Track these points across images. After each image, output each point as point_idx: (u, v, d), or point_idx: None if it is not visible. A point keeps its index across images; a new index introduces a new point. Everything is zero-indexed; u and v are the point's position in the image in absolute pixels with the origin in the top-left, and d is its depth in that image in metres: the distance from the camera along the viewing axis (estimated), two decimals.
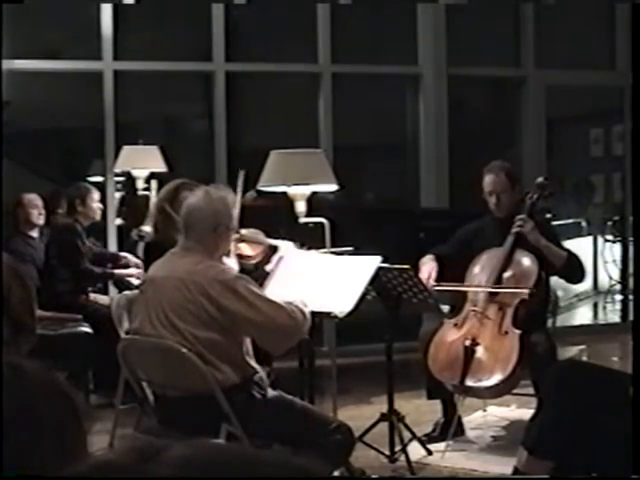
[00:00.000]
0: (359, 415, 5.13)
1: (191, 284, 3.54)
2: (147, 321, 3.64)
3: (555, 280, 5.04)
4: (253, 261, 4.49)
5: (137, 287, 5.48)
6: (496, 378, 4.50)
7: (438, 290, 4.75)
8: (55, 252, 6.07)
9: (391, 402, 4.56)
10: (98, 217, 6.49)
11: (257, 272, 4.34)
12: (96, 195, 6.24)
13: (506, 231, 4.80)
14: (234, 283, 3.54)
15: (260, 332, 3.59)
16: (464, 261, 4.89)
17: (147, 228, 6.01)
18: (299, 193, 4.82)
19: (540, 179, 5.03)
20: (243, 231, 4.57)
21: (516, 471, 3.67)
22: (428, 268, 4.83)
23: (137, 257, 6.16)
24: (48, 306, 5.62)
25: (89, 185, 6.40)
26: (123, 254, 6.47)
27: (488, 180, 4.95)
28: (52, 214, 6.69)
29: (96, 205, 6.22)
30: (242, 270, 4.08)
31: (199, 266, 3.59)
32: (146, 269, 4.63)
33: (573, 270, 4.82)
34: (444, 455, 4.60)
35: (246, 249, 4.50)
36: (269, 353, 4.36)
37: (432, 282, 4.76)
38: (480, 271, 4.84)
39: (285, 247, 4.39)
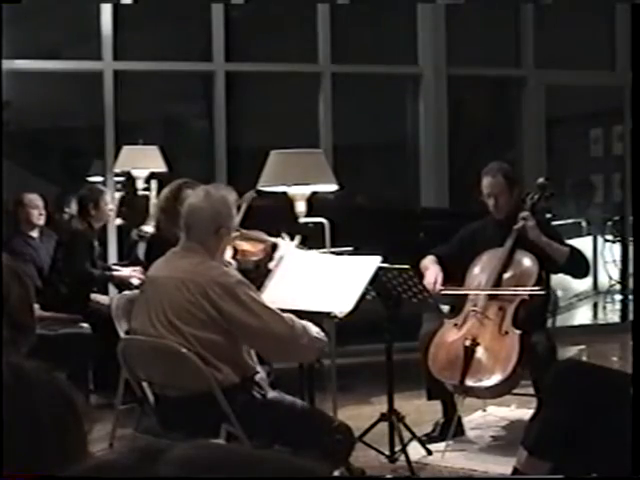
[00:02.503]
0: (359, 415, 5.12)
1: (191, 284, 3.53)
2: (147, 321, 3.63)
3: (555, 280, 5.04)
4: (254, 257, 4.45)
5: (137, 287, 5.48)
6: (496, 378, 4.50)
7: (445, 294, 4.75)
8: (63, 254, 6.02)
9: (391, 402, 4.56)
10: (109, 219, 6.48)
11: (258, 271, 4.32)
12: (108, 197, 6.24)
13: (506, 232, 4.80)
14: (234, 287, 3.51)
15: (256, 338, 3.57)
16: (465, 261, 4.89)
17: (147, 228, 6.01)
18: (299, 193, 4.82)
19: (541, 179, 5.05)
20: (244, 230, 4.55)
21: (516, 471, 3.67)
22: (433, 273, 4.81)
23: (137, 258, 6.14)
24: (51, 306, 5.62)
25: (101, 186, 6.39)
26: (116, 269, 6.36)
27: (486, 182, 4.95)
28: (58, 213, 6.69)
29: (108, 207, 6.21)
30: (241, 270, 4.06)
31: (200, 267, 3.58)
32: (148, 267, 4.63)
33: (577, 264, 4.82)
34: (444, 455, 4.60)
35: (246, 245, 4.48)
36: None
37: (439, 287, 4.75)
38: (480, 272, 4.84)
39: (285, 245, 4.37)
